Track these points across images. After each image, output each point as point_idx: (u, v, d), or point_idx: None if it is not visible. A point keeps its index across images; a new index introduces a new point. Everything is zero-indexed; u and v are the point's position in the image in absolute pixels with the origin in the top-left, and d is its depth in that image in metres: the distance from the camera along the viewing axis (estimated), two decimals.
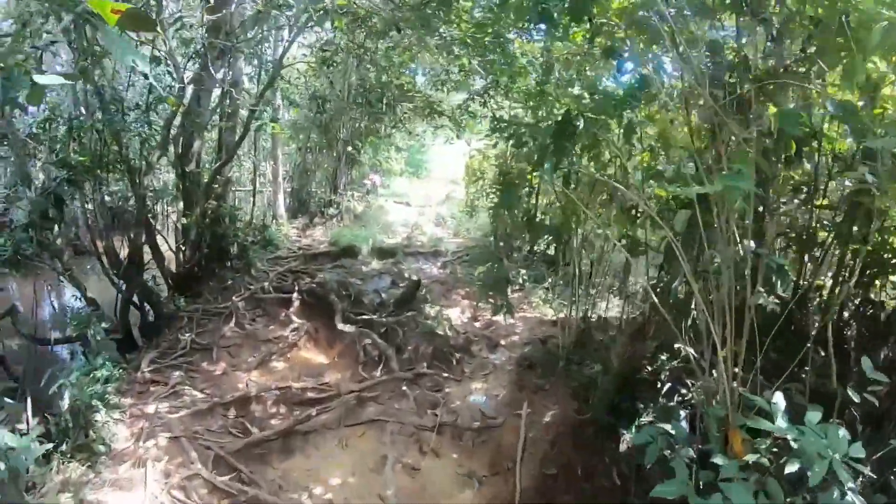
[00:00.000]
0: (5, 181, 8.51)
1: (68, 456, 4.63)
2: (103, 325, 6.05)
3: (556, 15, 4.28)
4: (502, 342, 8.24)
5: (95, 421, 5.03)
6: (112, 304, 7.58)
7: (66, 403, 4.71)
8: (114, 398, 5.67)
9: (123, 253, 7.49)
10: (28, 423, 4.42)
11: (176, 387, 6.29)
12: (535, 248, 11.08)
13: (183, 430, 5.53)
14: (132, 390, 6.10)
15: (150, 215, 8.33)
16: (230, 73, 9.91)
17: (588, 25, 4.39)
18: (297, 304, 9.12)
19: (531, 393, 6.44)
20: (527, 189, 6.64)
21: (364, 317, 8.65)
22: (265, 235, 12.29)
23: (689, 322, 4.27)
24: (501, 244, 11.37)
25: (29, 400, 4.68)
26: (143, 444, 5.18)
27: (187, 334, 7.54)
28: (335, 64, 11.51)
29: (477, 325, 8.94)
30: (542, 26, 6.20)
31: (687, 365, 4.29)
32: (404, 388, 6.73)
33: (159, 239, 8.46)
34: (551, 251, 10.34)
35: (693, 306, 4.11)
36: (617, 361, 5.24)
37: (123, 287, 7.40)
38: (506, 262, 10.71)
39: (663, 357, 5.06)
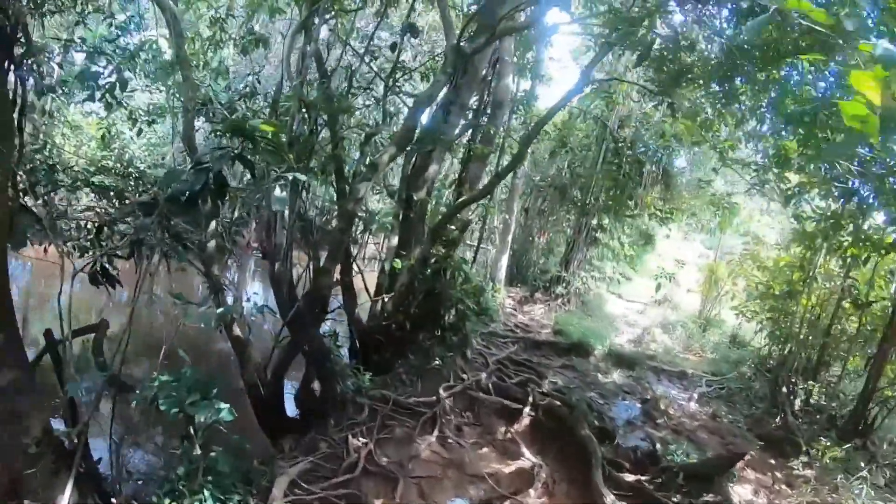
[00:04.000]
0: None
1: None
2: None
3: None
4: None
5: None
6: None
7: None
8: None
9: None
10: None
11: None
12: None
13: None
14: None
15: (347, 245, 5.75)
16: (492, 90, 7.44)
17: None
18: (526, 421, 5.67)
19: None
20: None
21: (629, 478, 4.92)
22: (480, 302, 9.35)
23: None
24: (784, 389, 7.34)
25: None
26: None
27: (363, 439, 4.47)
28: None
29: None
30: None
31: None
32: None
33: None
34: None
35: None
36: None
37: (287, 336, 4.69)
38: (789, 414, 6.87)
39: None
